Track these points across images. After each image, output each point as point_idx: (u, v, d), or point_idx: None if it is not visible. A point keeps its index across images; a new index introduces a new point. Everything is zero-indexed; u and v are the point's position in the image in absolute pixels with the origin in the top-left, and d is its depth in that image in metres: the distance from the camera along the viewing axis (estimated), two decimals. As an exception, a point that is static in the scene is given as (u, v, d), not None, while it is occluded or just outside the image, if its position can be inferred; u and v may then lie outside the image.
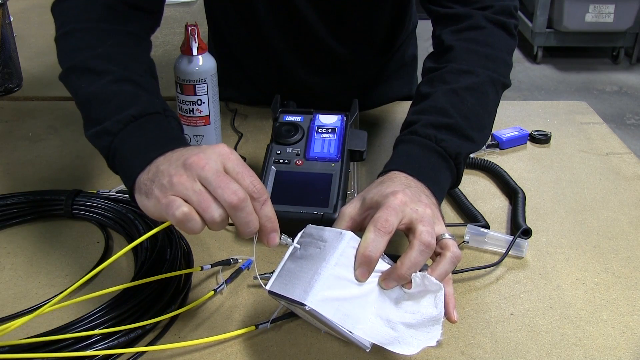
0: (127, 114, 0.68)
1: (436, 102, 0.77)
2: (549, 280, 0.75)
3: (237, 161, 0.59)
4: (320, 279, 0.58)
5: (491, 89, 0.81)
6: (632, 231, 0.85)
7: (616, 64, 4.19)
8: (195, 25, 0.90)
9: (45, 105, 1.21)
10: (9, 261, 0.78)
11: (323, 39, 1.03)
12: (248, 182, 0.58)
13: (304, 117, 0.92)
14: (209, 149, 0.59)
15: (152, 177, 0.60)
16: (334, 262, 0.59)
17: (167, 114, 0.71)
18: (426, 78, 0.83)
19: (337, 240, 0.61)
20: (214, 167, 0.57)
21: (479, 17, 0.84)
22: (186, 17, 1.81)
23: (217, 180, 0.56)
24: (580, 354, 0.64)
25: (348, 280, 0.59)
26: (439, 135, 0.74)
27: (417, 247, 0.60)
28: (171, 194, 0.57)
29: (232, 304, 0.70)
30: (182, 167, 0.58)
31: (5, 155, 1.03)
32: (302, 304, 0.56)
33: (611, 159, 1.03)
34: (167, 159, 0.61)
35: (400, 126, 0.80)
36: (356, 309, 0.59)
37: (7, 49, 1.25)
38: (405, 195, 0.64)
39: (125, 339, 0.63)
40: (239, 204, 0.56)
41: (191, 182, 0.57)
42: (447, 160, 0.74)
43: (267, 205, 0.59)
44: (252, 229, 0.58)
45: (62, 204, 0.84)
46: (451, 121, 0.75)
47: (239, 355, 0.64)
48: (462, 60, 0.81)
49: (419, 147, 0.74)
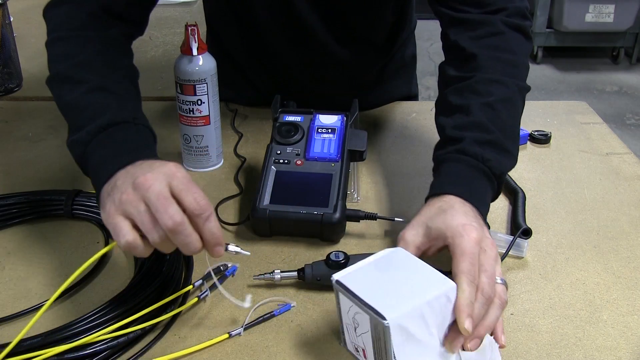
0: (96, 124, 0.71)
1: (475, 117, 0.78)
2: (549, 280, 0.75)
3: (182, 179, 0.61)
4: (408, 308, 0.56)
5: (519, 98, 0.82)
6: (632, 231, 0.85)
7: (616, 64, 4.19)
8: (195, 25, 0.90)
9: (45, 105, 1.21)
10: (9, 261, 0.78)
11: (322, 39, 1.03)
12: (190, 199, 0.60)
13: (304, 117, 0.92)
14: (159, 167, 0.62)
15: (110, 191, 0.63)
16: (427, 299, 0.57)
17: (137, 122, 0.74)
18: (454, 88, 0.82)
19: (439, 282, 0.59)
20: (157, 189, 0.59)
21: (497, 23, 0.84)
22: (186, 17, 1.81)
23: (157, 203, 0.59)
24: (580, 354, 0.64)
25: (428, 324, 0.58)
26: (485, 155, 0.75)
27: (478, 300, 0.61)
28: (119, 212, 0.60)
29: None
30: (131, 186, 0.61)
31: (5, 155, 1.03)
32: (381, 316, 0.55)
33: (611, 159, 1.03)
34: (125, 173, 0.64)
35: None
36: (420, 352, 0.58)
37: (7, 49, 1.25)
38: (476, 232, 0.65)
39: (125, 339, 0.63)
40: (175, 228, 0.58)
41: (137, 202, 0.60)
42: (491, 180, 0.75)
43: (210, 221, 0.61)
44: (192, 249, 0.60)
45: (62, 204, 0.84)
46: (492, 137, 0.76)
47: (238, 356, 0.64)
48: (489, 69, 0.81)
49: (469, 168, 0.75)
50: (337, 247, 0.81)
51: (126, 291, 0.67)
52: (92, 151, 0.71)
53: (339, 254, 0.72)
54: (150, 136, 0.76)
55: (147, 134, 0.76)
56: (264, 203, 0.81)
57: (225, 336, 0.65)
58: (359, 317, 0.59)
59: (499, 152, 0.76)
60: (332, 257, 0.72)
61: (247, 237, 0.82)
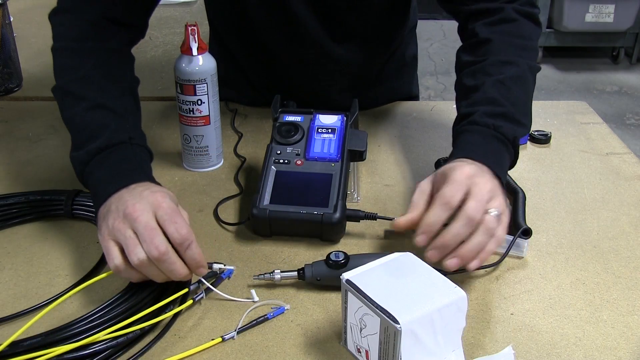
0: (94, 146, 0.76)
1: (486, 94, 0.83)
2: (549, 280, 0.75)
3: (167, 209, 0.67)
4: (420, 314, 0.56)
5: (530, 76, 0.88)
6: (632, 231, 0.85)
7: (616, 64, 4.19)
8: (195, 25, 0.90)
9: (45, 105, 1.21)
10: (9, 261, 0.78)
11: (318, 37, 1.03)
12: (172, 229, 0.65)
13: (304, 117, 0.92)
14: (146, 197, 0.68)
15: (105, 214, 0.69)
16: (438, 306, 0.58)
17: (133, 141, 0.79)
18: (467, 71, 0.88)
19: (449, 290, 0.60)
20: (144, 220, 0.65)
21: (509, 11, 0.90)
22: (186, 17, 1.81)
23: (145, 233, 0.64)
24: (580, 354, 0.64)
25: (436, 331, 0.58)
26: (497, 123, 0.80)
27: (460, 219, 0.68)
28: (111, 237, 0.66)
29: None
30: (122, 215, 0.66)
31: (5, 155, 1.03)
32: (393, 319, 0.55)
33: (611, 159, 1.03)
34: (119, 199, 0.69)
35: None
36: (425, 358, 0.58)
37: (7, 49, 1.25)
38: (471, 169, 0.72)
39: (125, 339, 0.63)
40: (160, 257, 0.64)
41: (125, 229, 0.65)
42: (506, 144, 0.80)
43: (191, 249, 0.66)
44: (177, 276, 0.66)
45: (62, 204, 0.84)
46: (504, 110, 0.82)
47: (238, 356, 0.64)
48: (501, 52, 0.87)
49: (480, 135, 0.80)
50: (337, 247, 0.81)
51: (126, 291, 0.67)
52: (90, 171, 0.76)
53: (339, 254, 0.72)
54: (146, 155, 0.81)
55: (143, 154, 0.80)
56: (264, 203, 0.81)
57: (218, 340, 0.65)
58: (367, 318, 0.59)
59: (510, 121, 0.81)
60: (332, 257, 0.72)
61: (247, 237, 0.82)
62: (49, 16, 0.89)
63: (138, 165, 0.77)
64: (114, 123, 0.79)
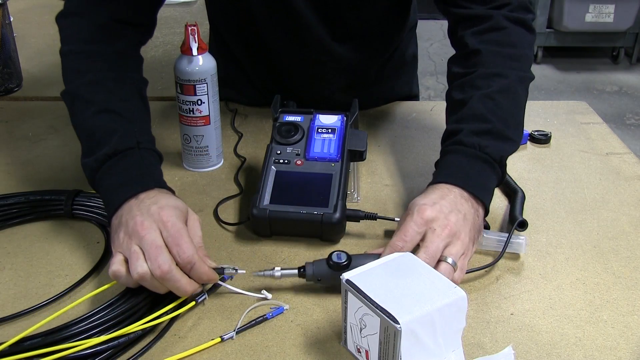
0: (103, 153, 0.77)
1: (474, 110, 0.81)
2: (549, 280, 0.75)
3: (171, 229, 0.67)
4: (420, 313, 0.56)
5: (520, 87, 0.85)
6: (632, 231, 0.85)
7: (616, 64, 4.19)
8: (195, 25, 0.90)
9: (45, 105, 1.21)
10: (9, 261, 0.78)
11: (318, 36, 1.03)
12: (175, 252, 0.66)
13: (304, 117, 0.92)
14: (154, 214, 0.68)
15: (117, 225, 0.70)
16: (438, 306, 0.58)
17: (141, 146, 0.79)
18: (456, 83, 0.87)
19: (449, 290, 0.60)
20: (150, 239, 0.66)
21: (499, 18, 0.87)
22: (186, 17, 1.81)
23: (149, 251, 0.65)
24: (580, 354, 0.64)
25: (436, 331, 0.58)
26: (482, 142, 0.78)
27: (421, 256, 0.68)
28: (118, 250, 0.68)
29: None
30: (130, 230, 0.68)
31: (5, 155, 1.03)
32: (393, 319, 0.55)
33: (611, 159, 1.03)
34: (129, 211, 0.70)
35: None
36: (425, 358, 0.59)
37: (7, 49, 1.25)
38: (430, 211, 0.71)
39: (125, 339, 0.63)
40: (163, 276, 0.65)
41: (130, 244, 0.67)
42: (492, 165, 0.78)
43: (195, 269, 0.66)
44: (182, 293, 0.66)
45: (62, 204, 0.84)
46: (490, 126, 0.80)
47: (238, 356, 0.64)
48: (490, 64, 0.85)
49: (465, 157, 0.79)
50: (337, 247, 0.81)
51: (126, 292, 0.67)
52: (100, 178, 0.77)
53: (342, 255, 0.71)
54: (155, 158, 0.81)
55: (152, 157, 0.80)
56: (264, 203, 0.81)
57: (218, 340, 0.65)
58: (367, 318, 0.59)
59: (496, 139, 0.80)
60: (334, 258, 0.71)
61: (247, 237, 0.82)
62: (56, 19, 0.88)
63: (146, 170, 0.77)
64: (121, 128, 0.79)
